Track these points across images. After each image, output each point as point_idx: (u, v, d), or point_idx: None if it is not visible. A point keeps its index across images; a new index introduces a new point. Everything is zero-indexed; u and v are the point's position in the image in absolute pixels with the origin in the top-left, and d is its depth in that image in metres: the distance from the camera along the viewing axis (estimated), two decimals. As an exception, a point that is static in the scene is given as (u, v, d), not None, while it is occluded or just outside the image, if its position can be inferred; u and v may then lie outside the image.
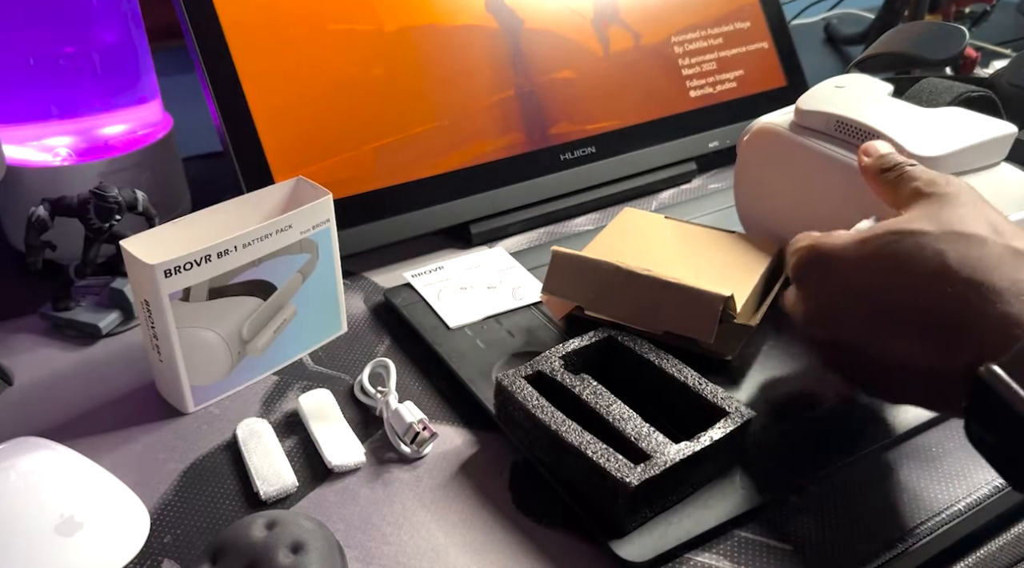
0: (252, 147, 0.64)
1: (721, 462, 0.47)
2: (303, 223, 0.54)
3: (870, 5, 1.23)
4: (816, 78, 0.67)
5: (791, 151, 0.59)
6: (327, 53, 0.68)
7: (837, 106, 0.57)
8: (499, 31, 0.75)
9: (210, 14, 0.64)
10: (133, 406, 0.54)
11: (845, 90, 0.60)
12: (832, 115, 0.57)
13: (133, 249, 0.49)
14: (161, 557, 0.44)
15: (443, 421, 0.53)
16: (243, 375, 0.55)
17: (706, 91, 0.84)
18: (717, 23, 0.86)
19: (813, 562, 0.43)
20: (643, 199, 0.80)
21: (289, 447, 0.51)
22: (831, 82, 0.62)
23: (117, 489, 0.46)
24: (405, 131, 0.70)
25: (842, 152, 0.56)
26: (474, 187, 0.72)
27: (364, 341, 0.60)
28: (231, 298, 0.52)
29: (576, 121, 0.77)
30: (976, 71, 0.97)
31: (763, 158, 0.62)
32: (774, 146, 0.61)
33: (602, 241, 0.63)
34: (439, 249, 0.72)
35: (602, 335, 0.53)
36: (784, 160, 0.60)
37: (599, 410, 0.47)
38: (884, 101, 0.59)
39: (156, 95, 0.73)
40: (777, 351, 0.57)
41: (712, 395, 0.48)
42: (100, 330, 0.60)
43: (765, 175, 0.63)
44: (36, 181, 0.65)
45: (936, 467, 0.49)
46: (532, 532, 0.45)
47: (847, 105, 0.57)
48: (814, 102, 0.59)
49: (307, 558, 0.39)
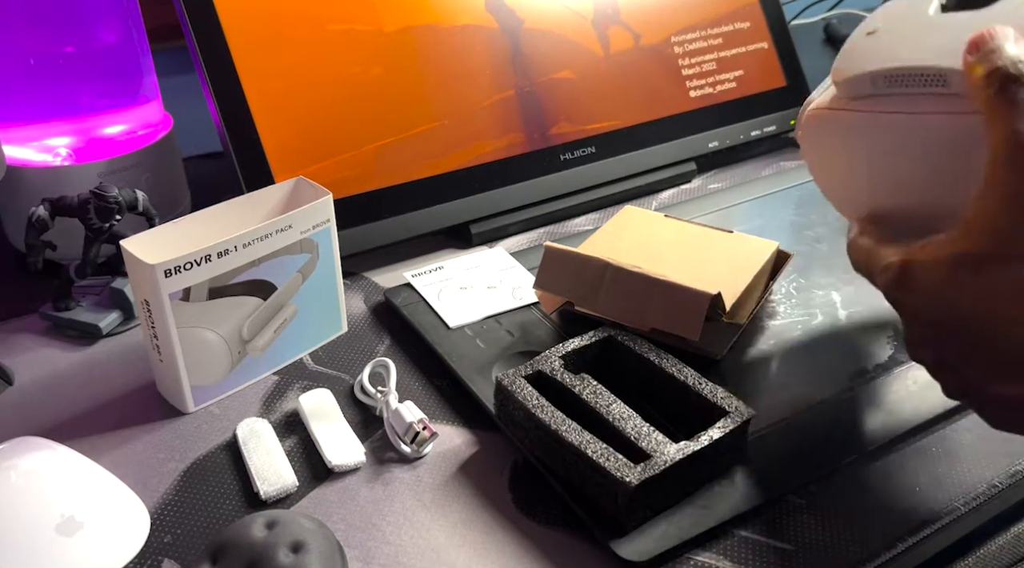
0: (252, 147, 0.64)
1: (721, 462, 0.47)
2: (303, 223, 0.54)
3: (870, 5, 1.23)
4: (816, 78, 0.66)
5: (850, 133, 0.47)
6: (327, 53, 0.68)
7: (878, 58, 0.44)
8: (499, 31, 0.75)
9: (210, 14, 0.64)
10: (133, 406, 0.54)
11: (879, 34, 0.46)
12: (874, 74, 0.44)
13: (133, 249, 0.49)
14: (161, 557, 0.44)
15: (443, 421, 0.53)
16: (243, 375, 0.55)
17: (706, 91, 0.84)
18: (717, 23, 0.86)
19: (813, 562, 0.43)
20: (643, 199, 0.80)
21: (289, 447, 0.51)
22: (861, 29, 0.48)
23: (117, 489, 0.47)
24: (405, 131, 0.70)
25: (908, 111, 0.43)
26: (474, 187, 0.72)
27: (364, 341, 0.60)
28: (231, 298, 0.52)
29: (576, 121, 0.77)
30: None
31: (825, 148, 0.51)
32: (830, 132, 0.49)
33: (599, 238, 0.63)
34: (439, 249, 0.72)
35: (602, 335, 0.53)
36: (848, 144, 0.48)
37: (599, 410, 0.47)
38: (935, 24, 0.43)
39: (156, 95, 0.73)
40: (773, 351, 0.57)
41: (712, 394, 0.48)
42: (100, 330, 0.60)
43: (836, 165, 0.51)
44: (36, 181, 0.65)
45: (936, 467, 0.49)
46: (532, 532, 0.45)
47: (890, 51, 0.44)
48: (848, 64, 0.46)
49: (307, 558, 0.39)
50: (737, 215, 0.75)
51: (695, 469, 0.46)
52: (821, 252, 0.68)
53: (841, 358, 0.57)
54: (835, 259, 0.67)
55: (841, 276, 0.65)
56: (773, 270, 0.62)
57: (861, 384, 0.54)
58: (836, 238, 0.70)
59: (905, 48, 0.43)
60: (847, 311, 0.61)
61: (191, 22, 0.63)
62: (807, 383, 0.54)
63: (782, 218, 0.74)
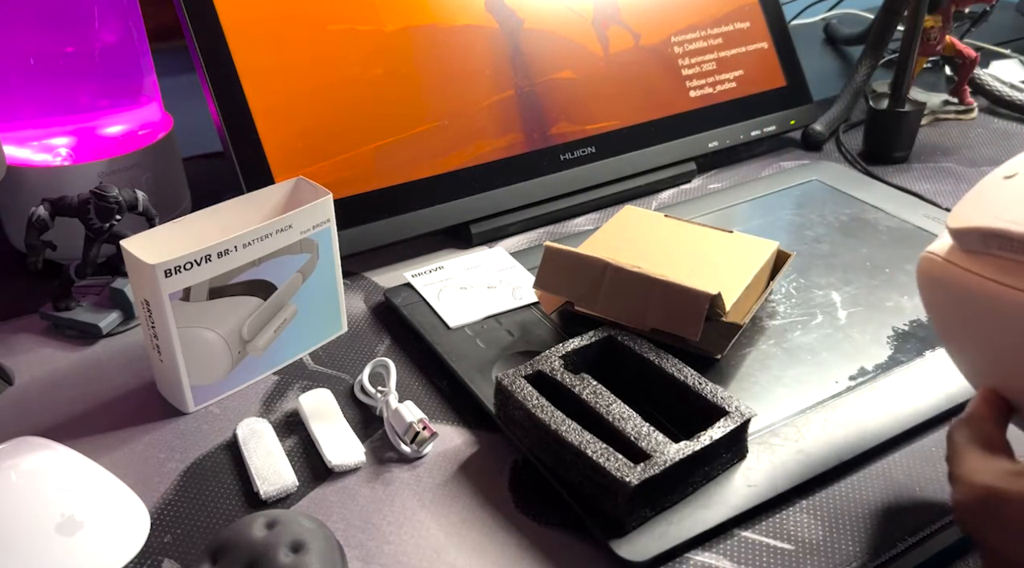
0: (252, 147, 0.64)
1: (721, 461, 0.47)
2: (303, 223, 0.54)
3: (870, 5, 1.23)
4: (816, 78, 0.65)
5: (960, 292, 0.39)
6: (327, 53, 0.68)
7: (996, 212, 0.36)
8: (499, 31, 0.75)
9: (210, 14, 0.64)
10: (133, 406, 0.54)
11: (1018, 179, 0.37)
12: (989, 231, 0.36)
13: (133, 249, 0.49)
14: (161, 556, 0.44)
15: (443, 421, 0.53)
16: (243, 375, 0.55)
17: (706, 91, 0.84)
18: (717, 23, 0.86)
19: (813, 562, 0.43)
20: (643, 199, 0.80)
21: (289, 447, 0.51)
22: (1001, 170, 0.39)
23: (117, 489, 0.47)
24: (405, 131, 0.70)
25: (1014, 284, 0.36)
26: (474, 187, 0.72)
27: (364, 341, 0.60)
28: (231, 298, 0.52)
29: (576, 121, 0.77)
30: (976, 72, 0.97)
31: (938, 299, 0.42)
32: (939, 284, 0.41)
33: (599, 237, 0.63)
34: (439, 249, 0.72)
35: (602, 335, 0.53)
36: (959, 305, 0.40)
37: (599, 410, 0.47)
38: None
39: (156, 95, 0.73)
40: (773, 351, 0.57)
41: (712, 394, 0.48)
42: (100, 330, 0.60)
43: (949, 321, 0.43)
44: (36, 181, 0.65)
45: (936, 467, 0.49)
46: (532, 532, 0.45)
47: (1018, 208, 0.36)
48: (967, 210, 0.38)
49: (307, 557, 0.39)
50: (737, 215, 0.75)
51: (695, 469, 0.46)
52: (821, 252, 0.68)
53: (841, 358, 0.57)
54: (835, 259, 0.67)
55: (841, 276, 0.65)
56: (773, 270, 0.62)
57: (861, 384, 0.54)
58: (836, 238, 0.70)
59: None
60: (847, 311, 0.61)
61: (191, 22, 0.63)
62: (807, 383, 0.54)
63: (782, 218, 0.74)
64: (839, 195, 0.78)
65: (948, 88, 1.01)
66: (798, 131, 0.90)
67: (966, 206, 0.39)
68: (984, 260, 0.37)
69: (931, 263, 0.41)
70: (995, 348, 0.39)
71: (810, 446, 0.49)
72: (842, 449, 0.49)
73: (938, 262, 0.40)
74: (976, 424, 0.38)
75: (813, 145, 0.90)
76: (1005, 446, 0.37)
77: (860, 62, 0.95)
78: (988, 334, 0.39)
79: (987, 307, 0.37)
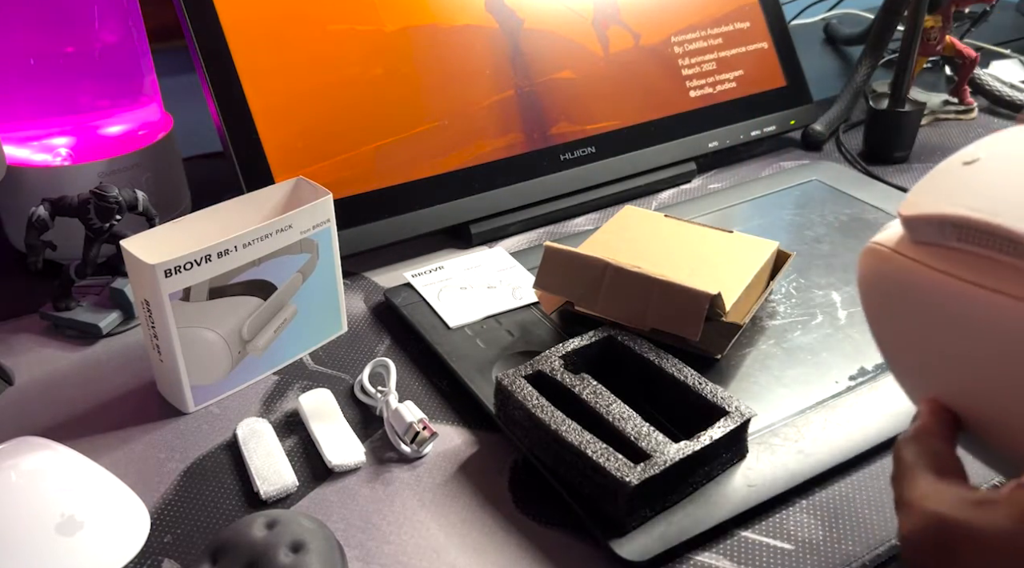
0: (252, 147, 0.64)
1: (721, 461, 0.47)
2: (303, 223, 0.54)
3: (870, 5, 1.23)
4: (816, 78, 0.65)
5: (908, 289, 0.35)
6: (327, 53, 0.68)
7: (955, 199, 0.32)
8: (499, 31, 0.75)
9: (210, 14, 0.64)
10: (133, 406, 0.54)
11: (979, 165, 0.34)
12: (947, 218, 0.32)
13: (133, 249, 0.49)
14: (161, 556, 0.44)
15: (443, 421, 0.53)
16: (243, 375, 0.55)
17: (706, 91, 0.84)
18: (717, 23, 0.86)
19: (813, 562, 0.43)
20: (643, 199, 0.80)
21: (289, 447, 0.51)
22: (959, 156, 0.35)
23: (117, 489, 0.47)
24: (405, 131, 0.70)
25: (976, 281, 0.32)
26: (474, 187, 0.72)
27: (364, 341, 0.60)
28: (231, 298, 0.52)
29: (576, 121, 0.77)
30: (976, 72, 0.97)
31: (879, 298, 0.38)
32: (885, 280, 0.36)
33: (599, 237, 0.63)
34: (439, 249, 0.72)
35: (602, 335, 0.53)
36: (906, 303, 0.36)
37: (599, 410, 0.47)
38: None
39: (156, 95, 0.73)
40: (773, 351, 0.57)
41: (712, 394, 0.48)
42: (100, 330, 0.60)
43: (892, 325, 0.38)
44: (36, 181, 0.65)
45: (936, 467, 0.49)
46: (532, 532, 0.45)
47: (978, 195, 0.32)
48: (921, 198, 0.34)
49: (307, 557, 0.39)
50: (737, 215, 0.75)
51: (695, 469, 0.46)
52: (821, 252, 0.68)
53: (841, 358, 0.57)
54: (835, 259, 0.67)
55: (841, 276, 0.65)
56: (773, 270, 0.62)
57: (861, 384, 0.54)
58: (836, 238, 0.70)
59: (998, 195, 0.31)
60: (847, 311, 0.61)
61: (191, 22, 0.63)
62: (807, 383, 0.54)
63: (782, 218, 0.74)
64: (839, 195, 0.78)
65: (948, 88, 1.01)
66: (798, 131, 0.90)
67: (921, 192, 0.35)
68: (939, 252, 0.33)
69: (877, 255, 0.36)
70: (947, 354, 0.34)
71: (810, 446, 0.49)
72: (842, 449, 0.49)
73: (885, 253, 0.35)
74: (925, 441, 0.33)
75: (813, 145, 0.90)
76: (958, 467, 0.32)
77: (860, 62, 0.95)
78: (940, 338, 0.34)
79: (941, 306, 0.34)
